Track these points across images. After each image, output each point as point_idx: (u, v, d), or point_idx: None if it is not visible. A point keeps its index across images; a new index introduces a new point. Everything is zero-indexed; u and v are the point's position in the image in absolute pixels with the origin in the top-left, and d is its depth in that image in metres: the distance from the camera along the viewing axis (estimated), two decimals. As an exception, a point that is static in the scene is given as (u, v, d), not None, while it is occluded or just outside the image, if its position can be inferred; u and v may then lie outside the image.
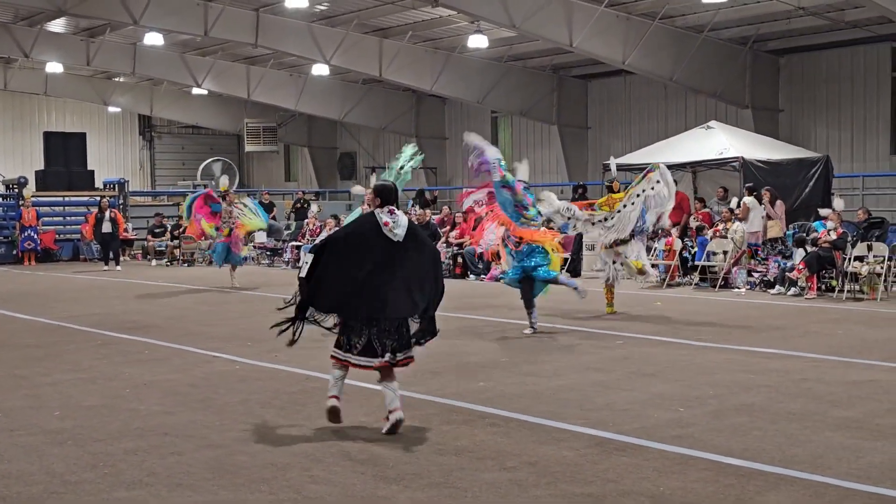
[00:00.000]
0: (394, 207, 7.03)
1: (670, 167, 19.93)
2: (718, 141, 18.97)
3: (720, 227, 17.41)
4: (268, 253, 25.46)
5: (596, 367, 9.24)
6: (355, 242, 6.91)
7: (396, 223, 6.93)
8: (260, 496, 5.43)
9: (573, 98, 27.70)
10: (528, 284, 11.71)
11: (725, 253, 16.90)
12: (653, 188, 12.87)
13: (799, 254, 15.85)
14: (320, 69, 27.27)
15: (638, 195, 12.86)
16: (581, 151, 27.75)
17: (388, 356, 6.85)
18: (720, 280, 16.72)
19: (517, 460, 6.05)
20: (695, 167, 20.10)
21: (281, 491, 5.51)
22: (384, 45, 25.63)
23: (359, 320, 6.83)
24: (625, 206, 12.91)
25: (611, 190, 13.47)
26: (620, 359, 9.75)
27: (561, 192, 24.42)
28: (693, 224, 18.56)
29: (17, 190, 27.53)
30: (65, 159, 33.42)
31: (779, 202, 17.04)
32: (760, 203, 17.11)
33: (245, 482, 5.68)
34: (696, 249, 17.58)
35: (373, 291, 6.77)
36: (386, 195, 7.06)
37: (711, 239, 17.34)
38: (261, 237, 26.09)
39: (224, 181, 19.47)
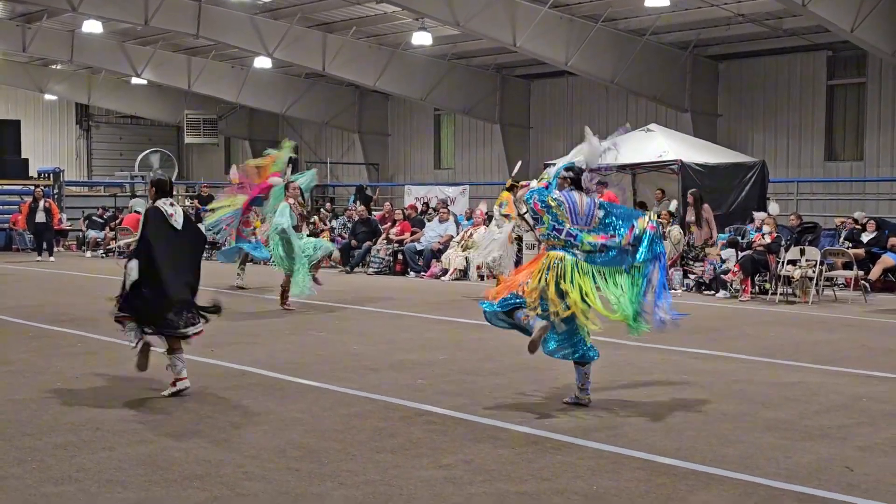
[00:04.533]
0: (172, 200, 8.00)
1: (610, 168, 20.24)
2: (658, 143, 19.17)
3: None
4: (206, 246, 25.13)
5: (531, 366, 9.26)
6: (158, 236, 7.78)
7: (177, 213, 7.88)
8: (193, 493, 5.37)
9: (516, 98, 27.83)
10: None
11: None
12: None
13: (733, 256, 16.10)
14: (263, 62, 27.04)
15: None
16: (523, 151, 27.86)
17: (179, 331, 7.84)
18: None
19: (453, 458, 6.06)
20: (634, 169, 20.29)
21: (214, 487, 5.45)
22: (328, 40, 25.50)
23: (163, 303, 7.71)
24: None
25: (511, 189, 14.15)
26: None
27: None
28: None
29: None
30: (-2, 147, 32.72)
31: (706, 205, 17.23)
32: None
33: (178, 478, 5.61)
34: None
35: (165, 275, 7.64)
36: (162, 187, 7.98)
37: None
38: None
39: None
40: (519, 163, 15.23)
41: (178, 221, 7.87)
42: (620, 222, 7.58)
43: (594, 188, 7.90)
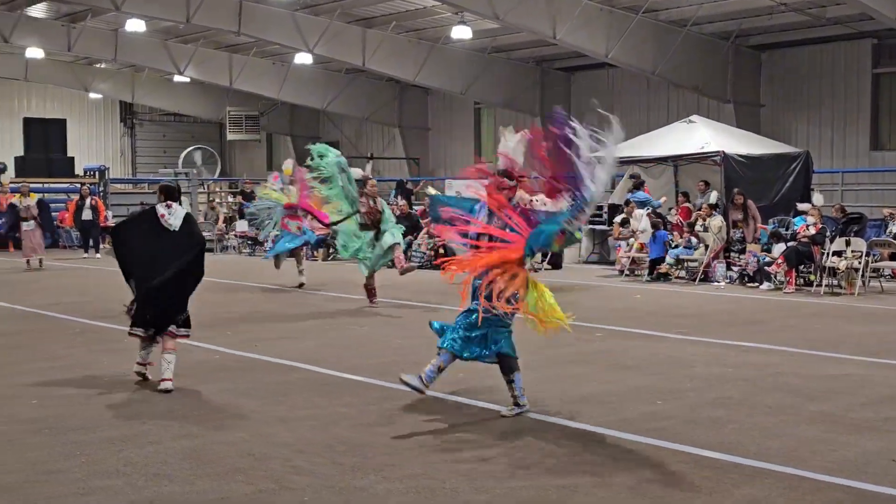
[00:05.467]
0: (171, 202, 8.20)
1: (652, 160, 20.19)
2: (700, 135, 19.03)
3: (699, 221, 17.46)
4: (249, 242, 25.38)
5: (575, 360, 9.27)
6: (138, 233, 8.19)
7: (172, 215, 8.13)
8: (238, 486, 5.44)
9: (556, 90, 27.72)
10: None
11: (706, 247, 16.97)
12: None
13: (778, 248, 15.95)
14: (303, 58, 27.17)
15: None
16: (564, 143, 27.78)
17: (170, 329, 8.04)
18: (699, 274, 16.79)
19: (495, 451, 6.07)
20: (676, 161, 20.17)
21: (260, 481, 5.51)
22: (368, 35, 25.57)
23: (141, 299, 8.00)
24: None
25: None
26: (599, 351, 9.79)
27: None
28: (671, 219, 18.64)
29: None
30: (45, 146, 33.24)
31: (750, 202, 17.12)
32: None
33: (223, 472, 5.67)
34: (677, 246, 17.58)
35: (152, 275, 7.92)
36: (169, 192, 8.28)
37: (683, 235, 17.39)
38: (242, 226, 26.07)
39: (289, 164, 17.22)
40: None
41: (172, 223, 8.10)
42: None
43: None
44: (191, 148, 34.54)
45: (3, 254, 25.18)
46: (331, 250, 22.50)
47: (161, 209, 8.14)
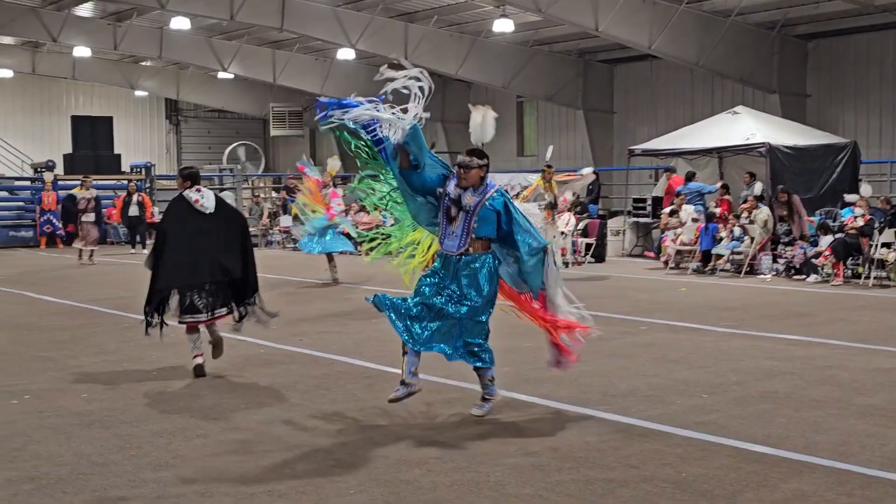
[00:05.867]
0: (200, 186, 8.28)
1: (696, 152, 20.03)
2: (745, 126, 18.85)
3: (744, 213, 17.30)
4: (292, 237, 25.52)
5: (619, 353, 9.23)
6: (175, 224, 8.21)
7: (204, 198, 8.21)
8: (285, 479, 5.48)
9: (599, 83, 27.59)
10: None
11: (752, 239, 16.81)
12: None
13: (825, 240, 15.76)
14: (346, 53, 27.27)
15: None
16: (606, 136, 27.66)
17: (209, 313, 8.21)
18: (745, 266, 16.64)
19: (540, 445, 6.07)
20: (721, 153, 19.99)
21: (306, 474, 5.56)
22: (410, 30, 25.60)
23: (186, 286, 8.11)
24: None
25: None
26: (644, 345, 9.75)
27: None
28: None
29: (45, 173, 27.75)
30: (92, 143, 33.64)
31: (795, 197, 16.93)
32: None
33: (270, 465, 5.73)
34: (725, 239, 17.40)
35: (192, 259, 8.06)
36: (194, 178, 8.33)
37: (733, 226, 17.22)
38: (286, 221, 26.23)
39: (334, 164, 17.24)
40: (550, 147, 15.68)
41: (206, 206, 8.21)
42: None
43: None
44: (235, 144, 34.83)
45: (52, 250, 25.59)
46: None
47: (192, 195, 8.22)
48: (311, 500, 5.15)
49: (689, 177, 19.69)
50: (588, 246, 19.73)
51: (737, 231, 17.05)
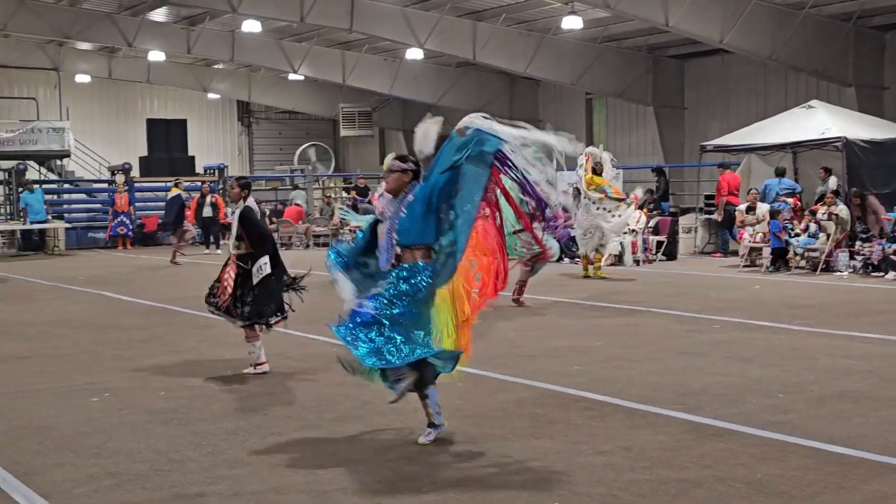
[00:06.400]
0: None
1: (769, 147, 19.69)
2: (820, 120, 18.49)
3: (822, 209, 16.96)
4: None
5: (692, 352, 9.14)
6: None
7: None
8: (359, 476, 5.53)
9: (669, 78, 27.28)
10: None
11: (828, 236, 16.48)
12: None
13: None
14: (414, 53, 27.36)
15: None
16: (677, 133, 27.33)
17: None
18: (821, 263, 16.32)
19: (612, 444, 6.03)
20: (795, 148, 19.64)
21: (378, 471, 5.60)
22: (478, 28, 25.59)
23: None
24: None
25: (595, 172, 15.72)
26: (717, 343, 9.63)
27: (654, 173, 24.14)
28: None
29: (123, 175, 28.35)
30: (167, 145, 34.33)
31: (871, 198, 16.59)
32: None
33: (344, 462, 5.78)
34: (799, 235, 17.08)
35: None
36: (250, 188, 8.70)
37: (807, 223, 16.90)
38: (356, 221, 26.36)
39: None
40: (599, 148, 15.74)
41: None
42: None
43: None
44: (305, 145, 35.16)
45: (126, 252, 26.11)
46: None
47: (254, 205, 8.61)
48: (384, 499, 5.19)
49: (780, 173, 19.35)
50: (659, 244, 19.54)
51: (812, 228, 16.73)
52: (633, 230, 18.44)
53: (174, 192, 23.41)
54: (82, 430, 6.65)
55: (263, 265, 8.35)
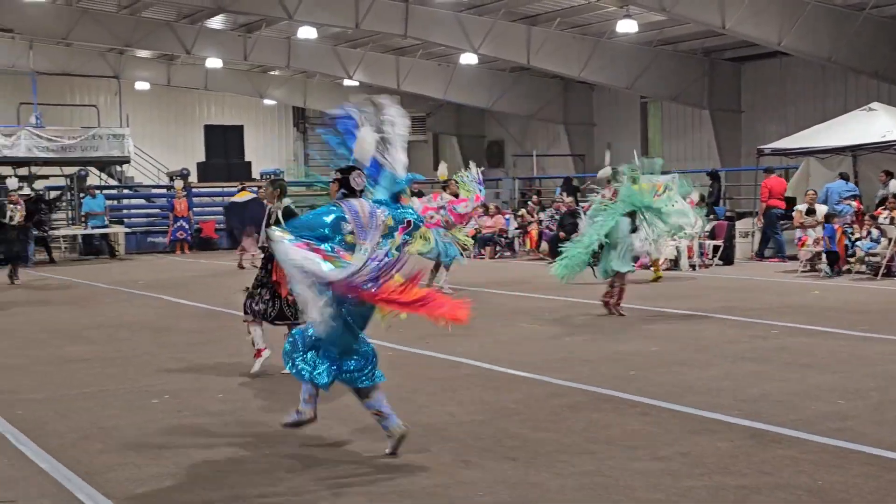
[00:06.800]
0: None
1: (828, 151, 19.41)
2: (881, 123, 18.18)
3: (884, 212, 16.67)
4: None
5: (750, 357, 9.04)
6: None
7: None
8: (416, 479, 5.56)
9: (726, 81, 27.04)
10: None
11: (889, 240, 16.19)
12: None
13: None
14: (468, 58, 27.44)
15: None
16: (734, 136, 27.08)
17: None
18: (882, 268, 16.04)
19: (669, 450, 5.99)
20: (855, 151, 19.34)
21: (434, 475, 5.62)
22: (532, 33, 25.59)
23: None
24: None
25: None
26: (776, 348, 9.50)
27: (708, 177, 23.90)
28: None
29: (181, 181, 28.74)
30: (224, 151, 34.74)
31: None
32: None
33: (399, 464, 5.82)
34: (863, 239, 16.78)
35: None
36: (286, 189, 8.76)
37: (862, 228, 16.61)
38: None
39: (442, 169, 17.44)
40: (635, 153, 15.59)
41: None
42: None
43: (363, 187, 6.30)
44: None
45: (185, 256, 26.44)
46: (497, 248, 22.61)
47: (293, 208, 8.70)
48: (440, 501, 5.21)
49: (845, 177, 19.07)
50: (716, 248, 19.34)
51: (874, 232, 16.45)
52: (689, 234, 18.26)
53: (245, 195, 23.55)
54: (144, 430, 6.76)
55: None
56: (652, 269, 16.53)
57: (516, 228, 23.45)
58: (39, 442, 6.51)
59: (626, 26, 22.95)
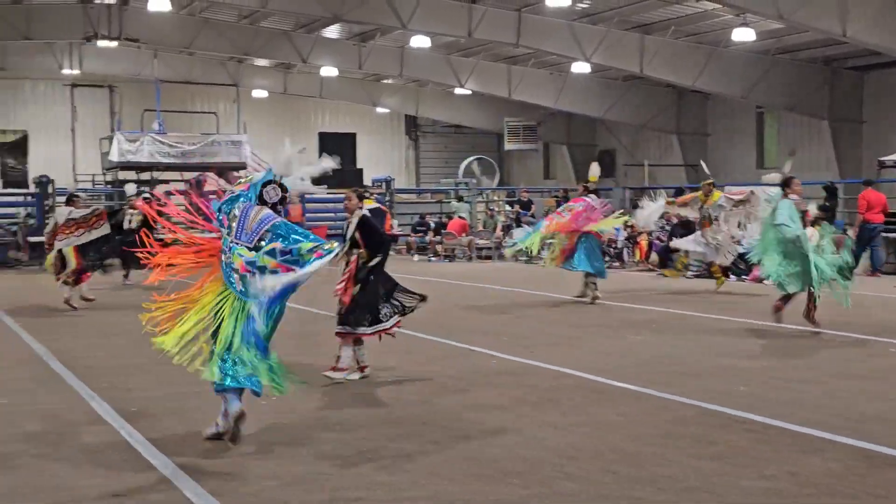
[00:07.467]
0: None
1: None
2: None
3: None
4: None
5: (866, 376, 8.73)
6: None
7: None
8: (512, 489, 5.54)
9: (847, 91, 26.20)
10: None
11: None
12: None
13: None
14: (580, 67, 27.27)
15: None
16: (854, 148, 26.22)
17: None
18: None
19: (777, 469, 5.83)
20: None
21: (533, 485, 5.59)
22: (646, 41, 25.28)
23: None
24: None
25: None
26: (893, 368, 9.17)
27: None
28: None
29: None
30: (337, 158, 35.20)
31: None
32: None
33: (498, 475, 5.80)
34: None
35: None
36: (363, 197, 8.98)
37: None
38: (519, 234, 26.39)
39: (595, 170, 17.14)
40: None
41: None
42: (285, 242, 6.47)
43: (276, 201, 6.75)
44: (470, 158, 35.49)
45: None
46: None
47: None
48: (538, 511, 5.18)
49: None
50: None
51: None
52: (739, 242, 17.80)
53: (370, 203, 23.80)
54: (250, 430, 6.89)
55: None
56: (714, 276, 16.66)
57: (626, 238, 23.18)
58: (152, 438, 6.71)
59: (743, 34, 22.48)
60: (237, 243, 6.36)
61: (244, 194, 6.67)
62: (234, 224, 6.44)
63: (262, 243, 6.37)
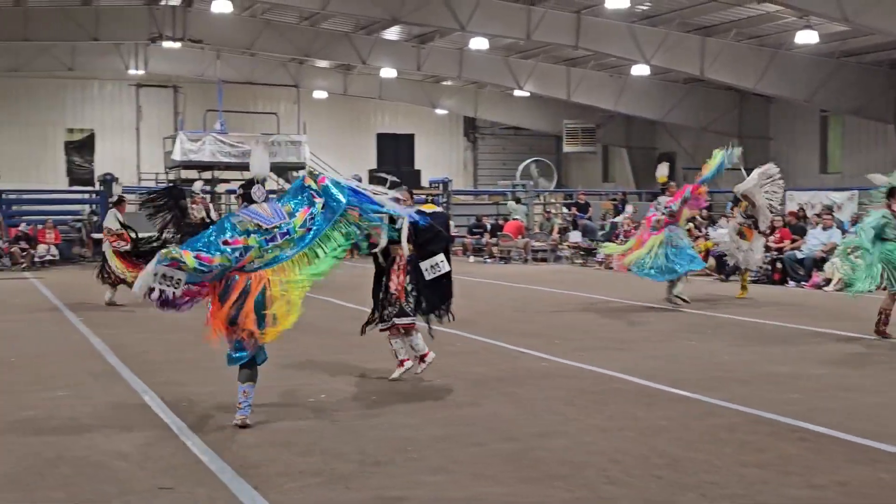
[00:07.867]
0: None
1: None
2: None
3: None
4: (581, 252, 25.67)
5: (924, 386, 8.56)
6: None
7: None
8: (556, 492, 5.52)
9: (914, 95, 25.67)
10: None
11: None
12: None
13: None
14: (640, 69, 27.07)
15: None
16: (922, 153, 25.69)
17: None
18: None
19: (826, 478, 5.74)
20: None
21: (577, 489, 5.57)
22: (706, 44, 25.01)
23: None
24: None
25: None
26: (953, 378, 8.97)
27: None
28: None
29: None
30: (395, 159, 35.44)
31: None
32: None
33: (542, 477, 5.79)
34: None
35: None
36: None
37: None
38: (575, 237, 26.36)
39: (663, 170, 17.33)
40: (742, 169, 15.06)
41: None
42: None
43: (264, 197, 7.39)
44: (528, 160, 35.41)
45: (348, 260, 27.05)
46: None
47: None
48: (579, 515, 5.16)
49: None
50: None
51: None
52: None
53: (431, 208, 23.94)
54: (297, 428, 6.97)
55: (440, 262, 8.61)
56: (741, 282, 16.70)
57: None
58: (200, 434, 6.81)
59: (806, 37, 22.13)
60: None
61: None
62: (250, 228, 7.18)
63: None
